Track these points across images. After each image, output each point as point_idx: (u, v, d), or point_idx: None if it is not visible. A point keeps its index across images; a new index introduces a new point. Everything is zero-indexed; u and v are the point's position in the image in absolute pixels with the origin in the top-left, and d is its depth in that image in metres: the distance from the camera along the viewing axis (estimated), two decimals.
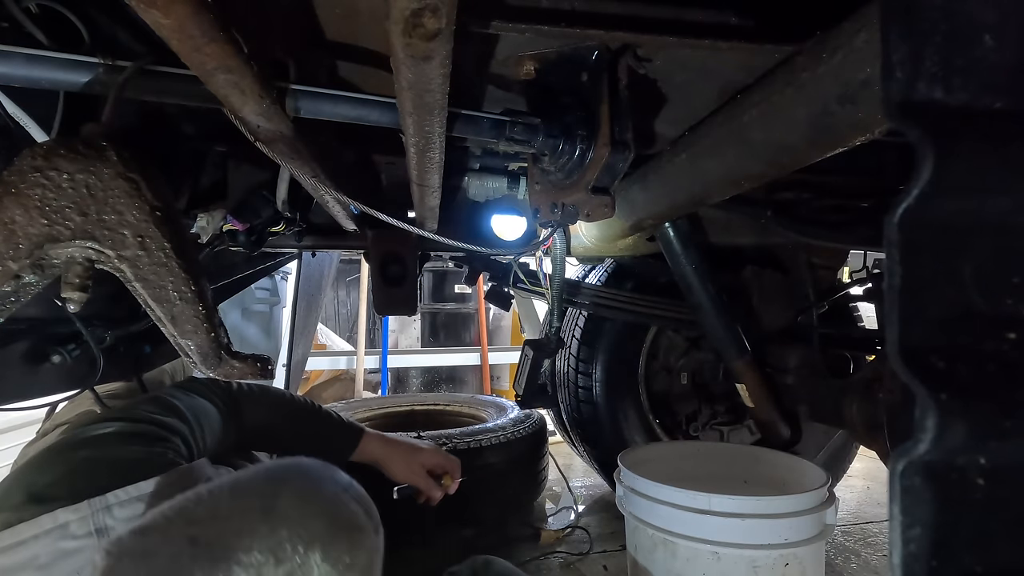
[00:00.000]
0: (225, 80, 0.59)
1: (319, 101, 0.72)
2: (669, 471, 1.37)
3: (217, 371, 0.75)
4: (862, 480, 2.33)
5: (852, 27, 0.56)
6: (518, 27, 0.68)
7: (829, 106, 0.61)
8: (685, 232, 1.39)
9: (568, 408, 1.97)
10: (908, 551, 0.29)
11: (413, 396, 2.71)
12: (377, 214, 0.86)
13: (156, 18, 0.47)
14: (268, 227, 1.17)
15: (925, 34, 0.31)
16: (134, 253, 0.66)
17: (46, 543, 0.66)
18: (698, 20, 0.70)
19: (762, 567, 1.14)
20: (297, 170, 0.82)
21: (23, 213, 0.61)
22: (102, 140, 0.65)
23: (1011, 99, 0.31)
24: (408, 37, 0.47)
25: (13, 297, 0.65)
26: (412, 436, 1.70)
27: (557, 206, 0.92)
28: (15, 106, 0.77)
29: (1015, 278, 0.30)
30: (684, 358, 1.96)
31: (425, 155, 0.78)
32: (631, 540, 1.33)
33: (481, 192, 1.20)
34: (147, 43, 0.78)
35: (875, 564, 1.63)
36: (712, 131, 0.84)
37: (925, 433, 0.29)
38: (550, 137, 0.82)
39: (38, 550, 0.66)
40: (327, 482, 0.64)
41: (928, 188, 0.30)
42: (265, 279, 2.55)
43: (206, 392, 1.00)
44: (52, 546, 0.66)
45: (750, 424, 1.81)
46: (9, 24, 0.70)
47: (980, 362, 0.30)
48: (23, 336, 1.02)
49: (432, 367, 4.03)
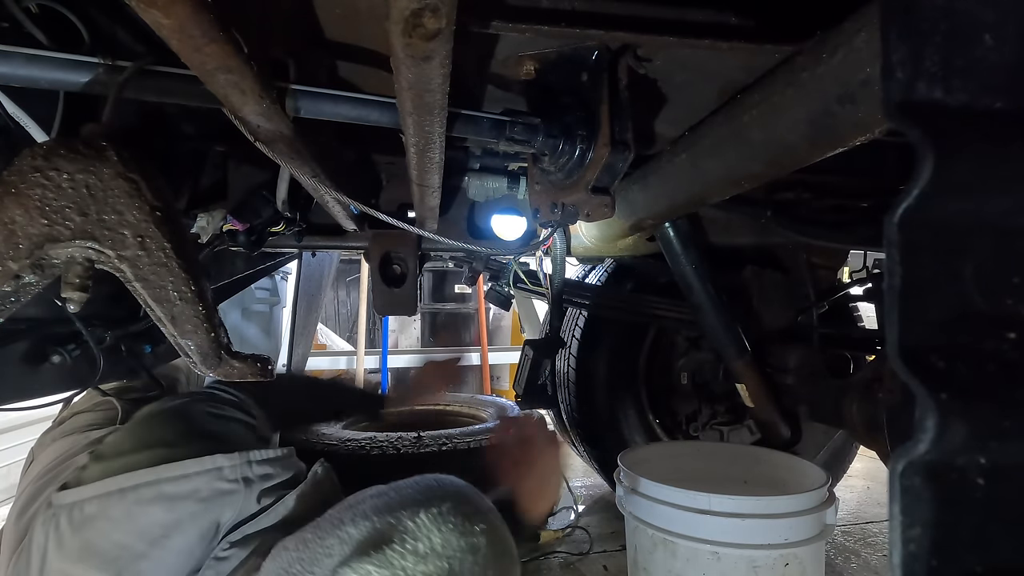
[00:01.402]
0: (225, 80, 0.58)
1: (319, 101, 0.72)
2: (669, 471, 1.37)
3: (217, 371, 0.75)
4: (862, 480, 2.33)
5: (852, 27, 0.56)
6: (518, 27, 0.68)
7: (829, 106, 0.61)
8: (685, 232, 1.39)
9: (568, 408, 1.97)
10: (908, 551, 0.29)
11: None
12: (377, 214, 0.86)
13: (156, 18, 0.47)
14: (268, 227, 1.17)
15: (925, 34, 0.31)
16: (134, 253, 0.65)
17: (207, 480, 0.76)
18: (698, 20, 0.70)
19: (762, 567, 1.14)
20: (297, 170, 0.82)
21: (23, 213, 0.61)
22: (102, 140, 0.65)
23: (1011, 99, 0.31)
24: (408, 37, 0.47)
25: (13, 297, 0.65)
26: (412, 437, 1.71)
27: (557, 206, 0.92)
28: (15, 106, 0.77)
29: (1015, 278, 0.30)
30: (684, 358, 1.96)
31: (425, 155, 0.78)
32: (631, 540, 1.33)
33: (481, 192, 1.20)
34: (147, 43, 0.78)
35: (875, 564, 1.63)
36: (712, 131, 0.84)
37: (925, 433, 0.29)
38: (550, 137, 0.82)
39: (200, 484, 0.76)
40: (489, 509, 0.71)
41: (928, 188, 0.30)
42: (265, 279, 2.55)
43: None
44: (211, 484, 0.77)
45: (750, 424, 1.81)
46: (9, 24, 0.70)
47: (980, 362, 0.30)
48: (23, 336, 1.02)
49: None
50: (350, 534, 0.63)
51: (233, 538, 0.75)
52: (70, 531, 0.73)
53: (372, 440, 1.69)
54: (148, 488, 0.74)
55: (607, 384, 1.87)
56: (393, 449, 1.66)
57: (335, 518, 0.66)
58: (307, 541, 0.65)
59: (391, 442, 1.68)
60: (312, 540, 0.64)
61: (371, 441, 1.68)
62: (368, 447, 1.66)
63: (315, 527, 0.66)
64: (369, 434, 1.75)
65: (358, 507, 0.67)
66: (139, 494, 0.74)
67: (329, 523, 0.66)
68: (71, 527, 0.74)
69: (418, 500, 0.66)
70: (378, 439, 1.69)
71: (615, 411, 1.86)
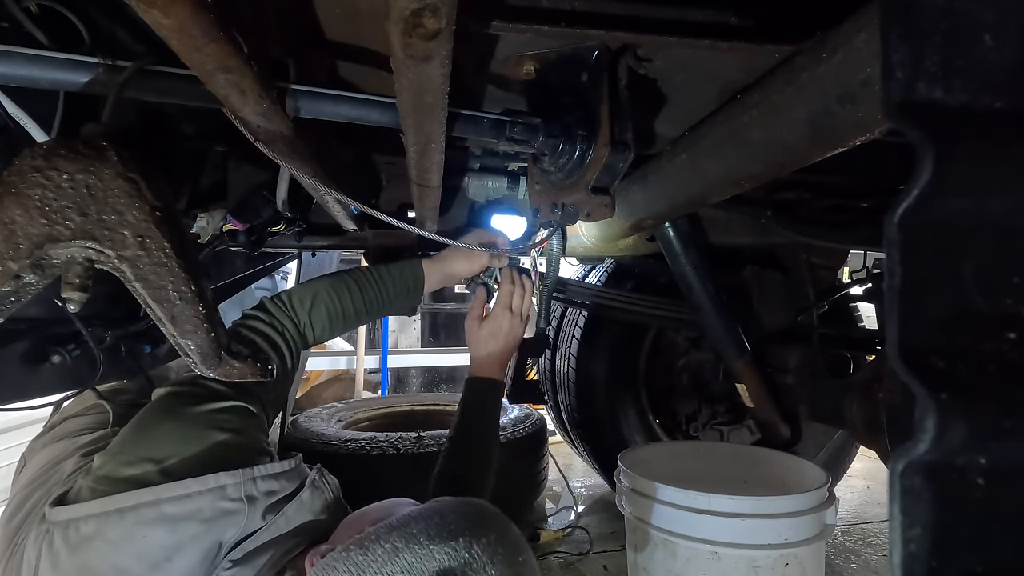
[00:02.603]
0: (225, 80, 0.59)
1: (319, 101, 0.72)
2: (669, 471, 1.37)
3: (217, 371, 0.75)
4: (862, 480, 2.33)
5: (852, 27, 0.56)
6: (518, 27, 0.68)
7: (829, 106, 0.61)
8: (685, 232, 1.39)
9: (568, 408, 1.97)
10: (908, 551, 0.29)
11: (413, 396, 2.72)
12: (377, 214, 0.86)
13: (156, 18, 0.47)
14: (268, 227, 1.18)
15: (925, 34, 0.31)
16: (134, 253, 0.65)
17: (210, 499, 0.73)
18: (698, 20, 0.70)
19: (762, 567, 1.14)
20: (297, 170, 0.82)
21: (23, 213, 0.61)
22: (102, 140, 0.65)
23: (1011, 99, 0.31)
24: (408, 37, 0.47)
25: (13, 297, 0.65)
26: (412, 437, 1.71)
27: (557, 206, 0.92)
28: (15, 106, 0.77)
29: (1015, 278, 0.30)
30: (684, 358, 1.96)
31: (425, 155, 0.78)
32: (631, 540, 1.33)
33: (481, 192, 1.20)
34: (147, 43, 0.78)
35: (875, 564, 1.63)
36: (712, 131, 0.84)
37: (925, 433, 0.29)
38: (550, 137, 0.82)
39: (203, 504, 0.73)
40: (521, 535, 0.71)
41: (928, 188, 0.30)
42: (265, 279, 2.55)
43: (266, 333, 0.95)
44: (214, 504, 0.73)
45: (750, 424, 1.81)
46: (9, 24, 0.70)
47: (980, 362, 0.30)
48: (23, 336, 1.02)
49: (432, 367, 4.03)
50: (410, 563, 0.62)
51: (235, 556, 0.73)
52: (66, 551, 0.70)
53: (372, 440, 1.69)
54: (149, 509, 0.71)
55: (607, 384, 1.87)
56: (393, 449, 1.66)
57: (385, 543, 0.64)
58: (361, 566, 0.62)
59: (391, 442, 1.68)
60: (366, 565, 0.62)
61: (371, 441, 1.69)
62: (368, 447, 1.66)
63: (362, 549, 0.63)
64: (369, 434, 1.76)
65: (404, 530, 0.65)
66: (139, 515, 0.71)
67: (381, 550, 0.63)
68: (67, 546, 0.70)
69: (467, 528, 0.65)
70: (378, 439, 1.70)
71: (615, 411, 1.86)
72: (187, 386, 0.85)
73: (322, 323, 1.00)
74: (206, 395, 0.83)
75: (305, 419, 1.97)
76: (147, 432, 0.80)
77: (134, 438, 0.80)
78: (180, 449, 0.77)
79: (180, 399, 0.83)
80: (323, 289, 1.01)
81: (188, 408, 0.81)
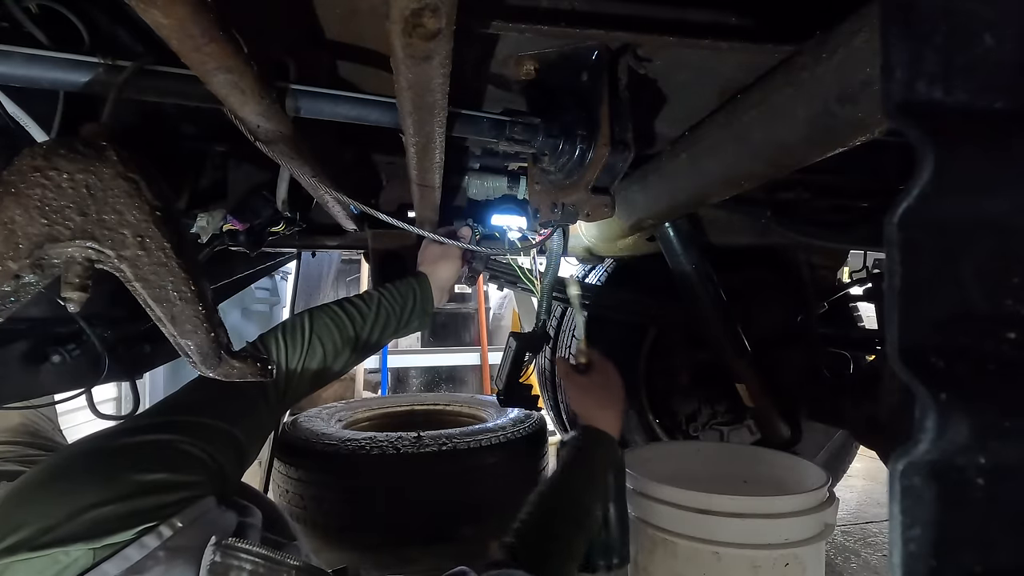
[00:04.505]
0: (225, 80, 0.58)
1: (319, 101, 0.72)
2: (669, 471, 1.37)
3: (217, 371, 0.75)
4: (862, 480, 2.33)
5: (852, 27, 0.56)
6: (518, 27, 0.68)
7: (829, 106, 0.61)
8: (685, 232, 1.39)
9: (568, 408, 1.97)
10: (908, 551, 0.29)
11: (413, 396, 2.71)
12: (377, 214, 0.86)
13: (156, 18, 0.47)
14: (268, 227, 1.17)
15: (925, 34, 0.31)
16: (134, 253, 0.65)
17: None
18: (698, 20, 0.70)
19: (762, 567, 1.14)
20: (297, 170, 0.82)
21: (23, 213, 0.61)
22: (102, 140, 0.65)
23: (1011, 99, 0.31)
24: (408, 37, 0.47)
25: (13, 297, 0.65)
26: (412, 437, 1.71)
27: (557, 206, 0.92)
28: (15, 106, 0.77)
29: (1015, 278, 0.30)
30: (684, 358, 1.96)
31: (425, 155, 0.78)
32: (631, 540, 1.33)
33: (481, 192, 1.20)
34: (147, 43, 0.78)
35: (875, 564, 1.63)
36: (712, 131, 0.84)
37: (925, 433, 0.29)
38: (550, 137, 0.82)
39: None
40: None
41: (928, 188, 0.30)
42: (265, 279, 2.55)
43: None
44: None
45: (750, 424, 1.81)
46: (9, 24, 0.69)
47: (980, 362, 0.30)
48: (23, 336, 1.02)
49: (432, 367, 4.03)
50: None
51: None
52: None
53: (372, 440, 1.69)
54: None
55: None
56: (393, 449, 1.66)
57: None
58: None
59: (391, 442, 1.68)
60: None
61: (371, 441, 1.69)
62: (368, 447, 1.66)
63: None
64: (369, 434, 1.76)
65: None
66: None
67: None
68: None
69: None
70: (378, 439, 1.69)
71: None
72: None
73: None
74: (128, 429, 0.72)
75: (305, 419, 1.97)
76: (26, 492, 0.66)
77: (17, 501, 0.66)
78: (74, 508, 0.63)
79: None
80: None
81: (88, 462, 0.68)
